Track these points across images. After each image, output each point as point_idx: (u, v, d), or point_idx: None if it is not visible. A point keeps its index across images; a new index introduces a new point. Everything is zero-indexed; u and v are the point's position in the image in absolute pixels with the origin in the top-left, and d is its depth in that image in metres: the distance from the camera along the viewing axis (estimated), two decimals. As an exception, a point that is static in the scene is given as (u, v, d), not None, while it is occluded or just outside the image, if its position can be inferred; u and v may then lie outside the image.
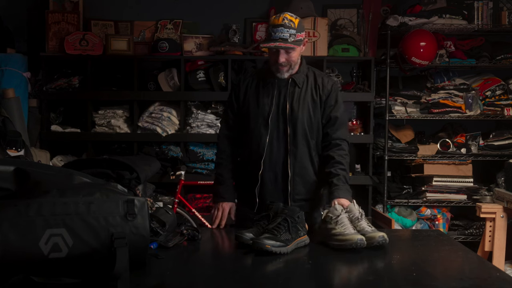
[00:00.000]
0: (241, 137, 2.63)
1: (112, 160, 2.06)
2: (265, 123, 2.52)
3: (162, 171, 4.18)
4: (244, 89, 2.61)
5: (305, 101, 2.53)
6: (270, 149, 2.52)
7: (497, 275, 1.76)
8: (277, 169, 2.53)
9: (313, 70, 2.63)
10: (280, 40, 2.40)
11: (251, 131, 2.56)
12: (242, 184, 2.64)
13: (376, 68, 4.47)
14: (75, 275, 1.60)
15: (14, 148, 3.49)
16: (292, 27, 2.41)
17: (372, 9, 4.42)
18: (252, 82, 2.61)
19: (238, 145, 2.66)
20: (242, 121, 2.61)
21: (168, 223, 2.07)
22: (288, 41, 2.40)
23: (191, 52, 4.40)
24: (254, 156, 2.54)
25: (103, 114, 4.42)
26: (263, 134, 2.52)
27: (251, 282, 1.72)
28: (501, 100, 4.51)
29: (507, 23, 4.43)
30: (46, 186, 1.64)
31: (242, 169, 2.63)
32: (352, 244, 1.98)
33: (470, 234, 4.46)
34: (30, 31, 4.63)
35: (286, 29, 2.40)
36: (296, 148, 2.52)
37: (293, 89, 2.54)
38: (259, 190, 2.54)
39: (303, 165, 2.54)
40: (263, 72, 2.62)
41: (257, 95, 2.56)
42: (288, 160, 2.52)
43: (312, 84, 2.57)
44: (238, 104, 2.62)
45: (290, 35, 2.40)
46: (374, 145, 4.49)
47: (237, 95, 2.63)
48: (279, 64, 2.47)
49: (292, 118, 2.51)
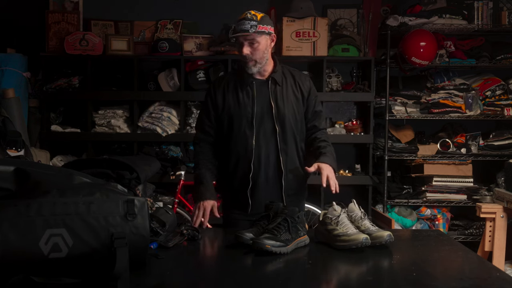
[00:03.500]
0: (222, 142, 2.61)
1: (112, 160, 2.06)
2: (250, 124, 2.52)
3: (162, 171, 4.19)
4: (221, 92, 2.59)
5: (288, 99, 2.56)
6: (258, 149, 2.53)
7: (497, 275, 1.76)
8: (268, 168, 2.54)
9: (287, 68, 2.66)
10: (241, 32, 2.45)
11: (235, 134, 2.55)
12: (232, 188, 2.61)
13: (376, 68, 4.47)
14: (75, 275, 1.59)
15: (14, 148, 3.49)
16: (253, 20, 2.45)
17: (372, 9, 4.42)
18: (228, 85, 2.59)
19: (216, 150, 2.65)
20: (223, 125, 2.59)
21: (168, 223, 2.07)
22: (249, 32, 2.44)
23: (191, 52, 4.40)
24: (242, 159, 2.54)
25: (103, 114, 4.42)
26: (248, 136, 2.52)
27: (251, 282, 1.72)
28: (501, 100, 4.51)
29: (507, 23, 4.43)
30: (46, 186, 1.63)
31: (231, 173, 2.60)
32: (358, 244, 1.98)
33: (470, 234, 4.46)
34: (30, 31, 4.63)
35: (247, 21, 2.44)
36: (286, 145, 2.55)
37: (274, 87, 2.56)
38: (251, 192, 2.54)
39: (294, 161, 2.59)
40: (239, 73, 2.61)
41: (236, 97, 2.56)
42: (280, 158, 2.54)
43: (292, 82, 2.60)
44: (216, 109, 2.60)
45: (251, 26, 2.44)
46: (374, 145, 4.49)
47: (213, 100, 2.60)
48: (243, 57, 2.48)
49: (279, 116, 2.53)
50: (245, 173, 2.54)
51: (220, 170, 2.66)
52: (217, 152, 2.66)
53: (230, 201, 2.66)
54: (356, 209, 2.19)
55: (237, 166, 2.57)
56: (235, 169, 2.57)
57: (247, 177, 2.53)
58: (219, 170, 2.67)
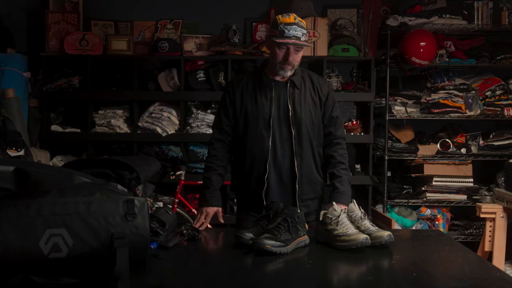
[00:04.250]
0: (238, 142, 2.61)
1: (112, 160, 2.06)
2: (267, 126, 2.52)
3: (162, 171, 4.18)
4: (240, 92, 2.58)
5: (306, 103, 2.55)
6: (274, 151, 2.52)
7: (497, 275, 1.76)
8: (283, 171, 2.54)
9: (307, 72, 2.66)
10: (294, 38, 2.42)
11: (251, 135, 2.55)
12: (248, 189, 2.60)
13: (376, 68, 4.47)
14: (75, 275, 1.59)
15: (14, 148, 3.49)
16: (303, 27, 2.45)
17: (372, 9, 4.42)
18: (247, 85, 2.59)
19: (231, 150, 2.65)
20: (239, 125, 2.59)
21: (168, 223, 2.07)
22: (301, 40, 2.43)
23: (191, 52, 4.40)
24: (258, 159, 2.54)
25: (103, 114, 4.42)
26: (265, 137, 2.52)
27: (251, 282, 1.72)
28: (501, 100, 4.51)
29: (507, 23, 4.43)
30: (46, 186, 1.63)
31: (246, 174, 2.59)
32: (358, 244, 1.98)
33: (470, 234, 4.46)
34: (30, 31, 4.63)
35: (299, 28, 2.43)
36: (301, 149, 2.54)
37: (293, 90, 2.55)
38: (265, 193, 2.54)
39: (309, 166, 2.57)
40: (257, 74, 2.60)
41: (254, 97, 2.55)
42: (295, 161, 2.52)
43: (310, 86, 2.59)
44: (234, 108, 2.59)
45: (303, 34, 2.44)
46: (374, 145, 4.49)
47: (232, 99, 2.60)
48: (287, 62, 2.46)
49: (295, 120, 2.52)
50: (261, 175, 2.53)
51: (235, 171, 2.67)
52: (233, 153, 2.66)
53: (245, 203, 2.65)
54: (356, 209, 2.19)
55: (252, 166, 2.56)
56: (251, 170, 2.57)
57: (262, 179, 2.53)
58: (234, 171, 2.67)
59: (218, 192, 2.58)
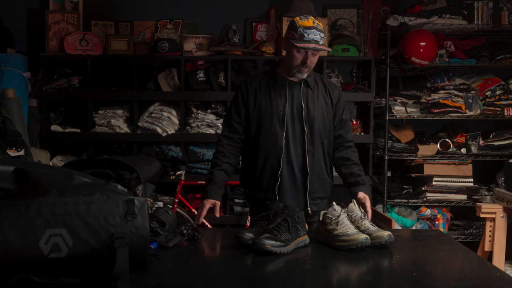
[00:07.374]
0: (251, 140, 2.63)
1: (112, 160, 2.06)
2: (281, 123, 2.55)
3: (162, 171, 4.18)
4: (254, 90, 2.62)
5: (319, 103, 2.60)
6: (287, 148, 2.56)
7: (497, 275, 1.76)
8: (296, 168, 2.58)
9: (319, 76, 2.71)
10: (314, 42, 2.44)
11: (265, 132, 2.58)
12: (260, 187, 2.62)
13: (376, 68, 4.47)
14: (75, 275, 1.59)
15: (14, 148, 3.49)
16: (321, 30, 2.47)
17: (372, 9, 4.42)
18: (261, 83, 2.63)
19: (239, 148, 2.67)
20: (252, 123, 2.62)
21: (168, 223, 2.07)
22: (319, 44, 2.45)
23: (191, 52, 4.40)
24: (271, 156, 2.57)
25: (103, 114, 4.42)
26: (279, 134, 2.55)
27: (251, 282, 1.72)
28: (501, 100, 4.51)
29: (507, 23, 4.43)
30: (46, 186, 1.63)
31: (260, 170, 2.61)
32: (358, 244, 1.98)
33: (470, 234, 4.46)
34: (30, 31, 4.63)
35: (318, 32, 2.45)
36: (313, 147, 2.58)
37: (306, 90, 2.59)
38: (278, 190, 2.57)
39: (319, 164, 2.61)
40: (271, 73, 2.65)
41: (268, 96, 2.59)
42: (307, 159, 2.56)
43: (322, 88, 2.64)
44: (247, 106, 2.62)
45: (321, 38, 2.46)
46: (374, 145, 4.49)
47: (245, 97, 2.63)
48: (305, 65, 2.49)
49: (309, 118, 2.56)
50: (274, 171, 2.56)
51: (247, 168, 2.68)
52: (244, 151, 2.69)
53: (257, 201, 2.63)
54: (356, 209, 2.20)
55: (265, 163, 2.59)
56: (264, 166, 2.59)
57: (275, 175, 2.56)
58: (246, 168, 2.69)
59: (219, 186, 2.59)
